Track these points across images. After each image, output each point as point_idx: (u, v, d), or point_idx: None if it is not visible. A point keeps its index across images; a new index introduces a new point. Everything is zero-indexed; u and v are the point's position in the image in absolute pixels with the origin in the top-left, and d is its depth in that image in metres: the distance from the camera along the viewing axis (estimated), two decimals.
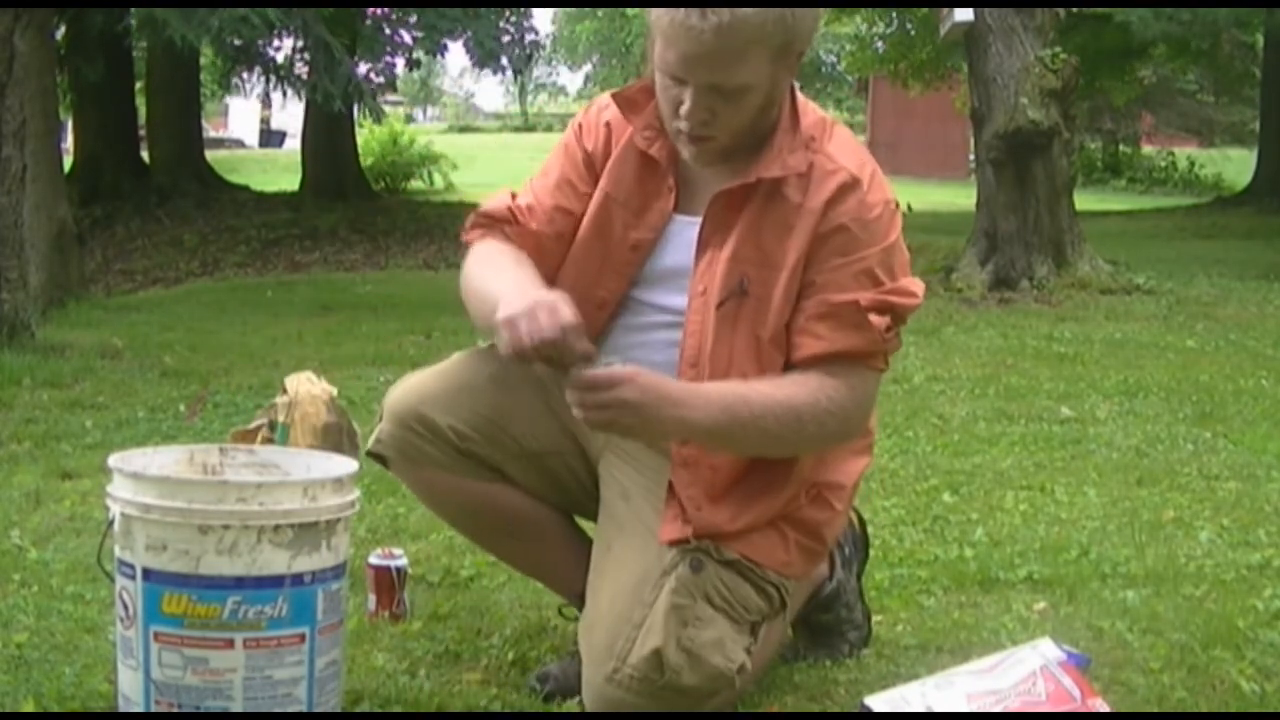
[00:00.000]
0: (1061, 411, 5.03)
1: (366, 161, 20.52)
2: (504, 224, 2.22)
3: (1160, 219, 16.96)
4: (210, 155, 18.98)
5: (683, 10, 1.91)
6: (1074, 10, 12.14)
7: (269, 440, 3.59)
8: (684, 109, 2.00)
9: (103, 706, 2.13)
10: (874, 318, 2.03)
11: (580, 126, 2.25)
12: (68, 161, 13.74)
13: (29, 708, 2.12)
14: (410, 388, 2.23)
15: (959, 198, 17.18)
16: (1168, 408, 5.12)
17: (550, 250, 2.20)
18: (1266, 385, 5.63)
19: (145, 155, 17.40)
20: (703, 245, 2.11)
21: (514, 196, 2.26)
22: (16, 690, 2.18)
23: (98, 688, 2.19)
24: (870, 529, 3.29)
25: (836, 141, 2.11)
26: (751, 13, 1.90)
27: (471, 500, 2.23)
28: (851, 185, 2.05)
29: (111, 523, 1.97)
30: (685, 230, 2.15)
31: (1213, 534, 3.27)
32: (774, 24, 1.93)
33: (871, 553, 3.09)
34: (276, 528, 1.92)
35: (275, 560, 1.92)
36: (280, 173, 21.56)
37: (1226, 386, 5.57)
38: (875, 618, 2.55)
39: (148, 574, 1.93)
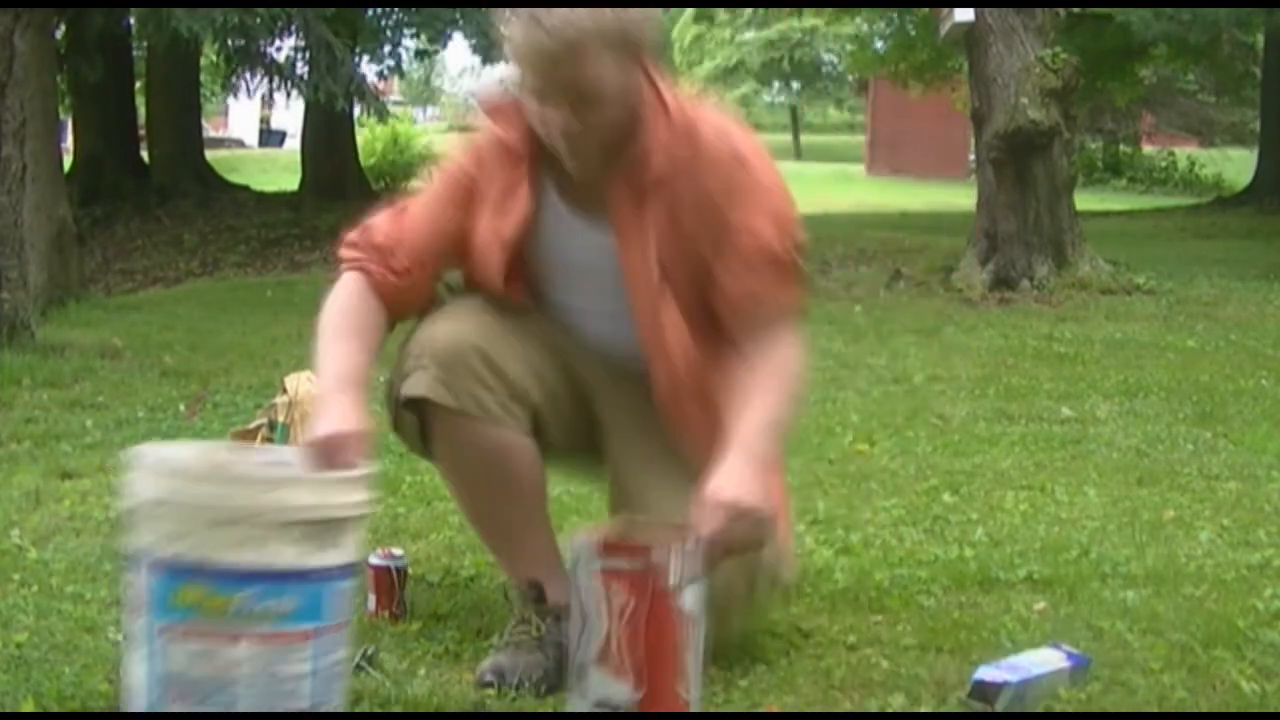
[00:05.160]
0: (1061, 411, 5.03)
1: (368, 161, 20.51)
2: (373, 260, 2.36)
3: (1160, 219, 16.93)
4: (210, 155, 18.94)
5: (524, 27, 2.09)
6: (1074, 10, 12.14)
7: (269, 440, 3.58)
8: (557, 126, 2.16)
9: (103, 706, 2.13)
10: (785, 257, 2.25)
11: (470, 150, 2.39)
12: (68, 161, 13.72)
13: (29, 708, 2.12)
14: (457, 331, 2.27)
15: (959, 198, 17.13)
16: (1168, 408, 5.12)
17: (408, 298, 2.35)
18: (1266, 385, 5.63)
19: (145, 155, 17.38)
20: (625, 248, 2.25)
21: (402, 212, 2.40)
22: (16, 690, 2.18)
23: (98, 687, 2.19)
24: (870, 529, 3.32)
25: (713, 122, 2.27)
26: (583, 11, 2.08)
27: (493, 451, 2.27)
28: (740, 160, 2.24)
29: (123, 514, 1.96)
30: (586, 232, 2.29)
31: (1213, 534, 3.27)
32: (605, 19, 2.10)
33: (872, 553, 3.10)
34: (287, 524, 1.92)
35: (284, 556, 1.92)
36: (280, 173, 21.53)
37: (1226, 386, 5.57)
38: (875, 618, 2.55)
39: (157, 567, 1.93)
